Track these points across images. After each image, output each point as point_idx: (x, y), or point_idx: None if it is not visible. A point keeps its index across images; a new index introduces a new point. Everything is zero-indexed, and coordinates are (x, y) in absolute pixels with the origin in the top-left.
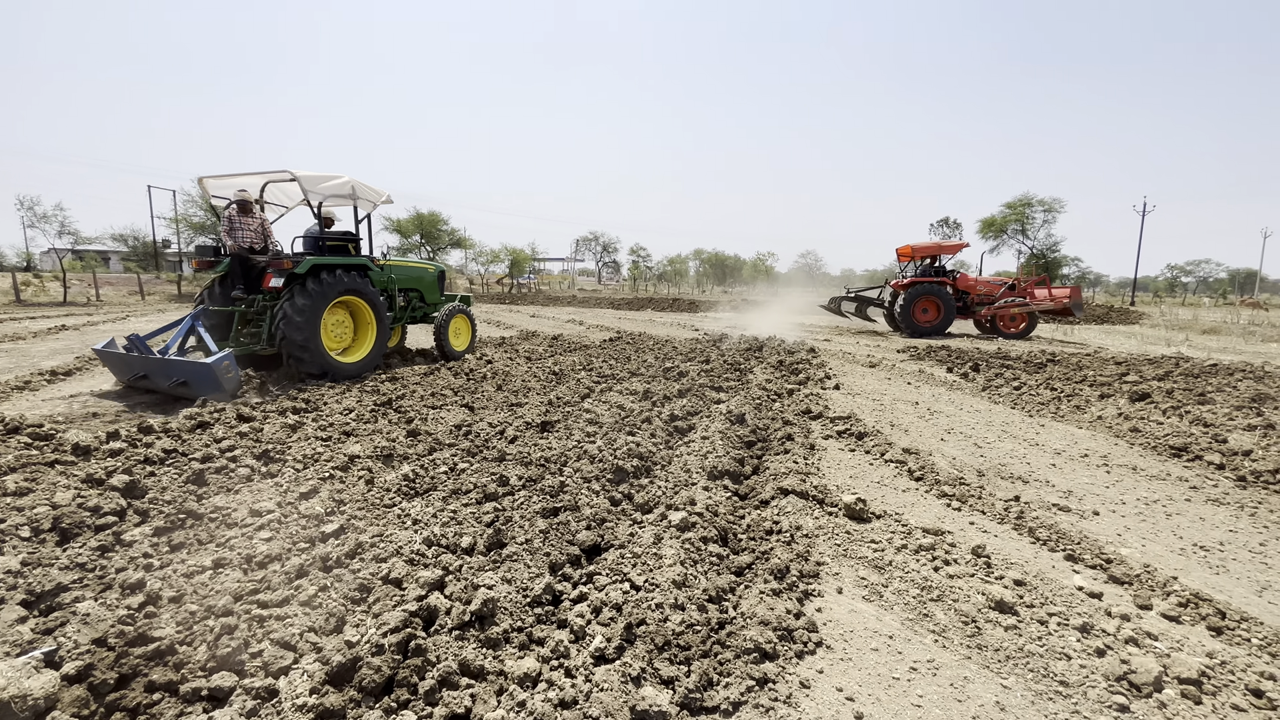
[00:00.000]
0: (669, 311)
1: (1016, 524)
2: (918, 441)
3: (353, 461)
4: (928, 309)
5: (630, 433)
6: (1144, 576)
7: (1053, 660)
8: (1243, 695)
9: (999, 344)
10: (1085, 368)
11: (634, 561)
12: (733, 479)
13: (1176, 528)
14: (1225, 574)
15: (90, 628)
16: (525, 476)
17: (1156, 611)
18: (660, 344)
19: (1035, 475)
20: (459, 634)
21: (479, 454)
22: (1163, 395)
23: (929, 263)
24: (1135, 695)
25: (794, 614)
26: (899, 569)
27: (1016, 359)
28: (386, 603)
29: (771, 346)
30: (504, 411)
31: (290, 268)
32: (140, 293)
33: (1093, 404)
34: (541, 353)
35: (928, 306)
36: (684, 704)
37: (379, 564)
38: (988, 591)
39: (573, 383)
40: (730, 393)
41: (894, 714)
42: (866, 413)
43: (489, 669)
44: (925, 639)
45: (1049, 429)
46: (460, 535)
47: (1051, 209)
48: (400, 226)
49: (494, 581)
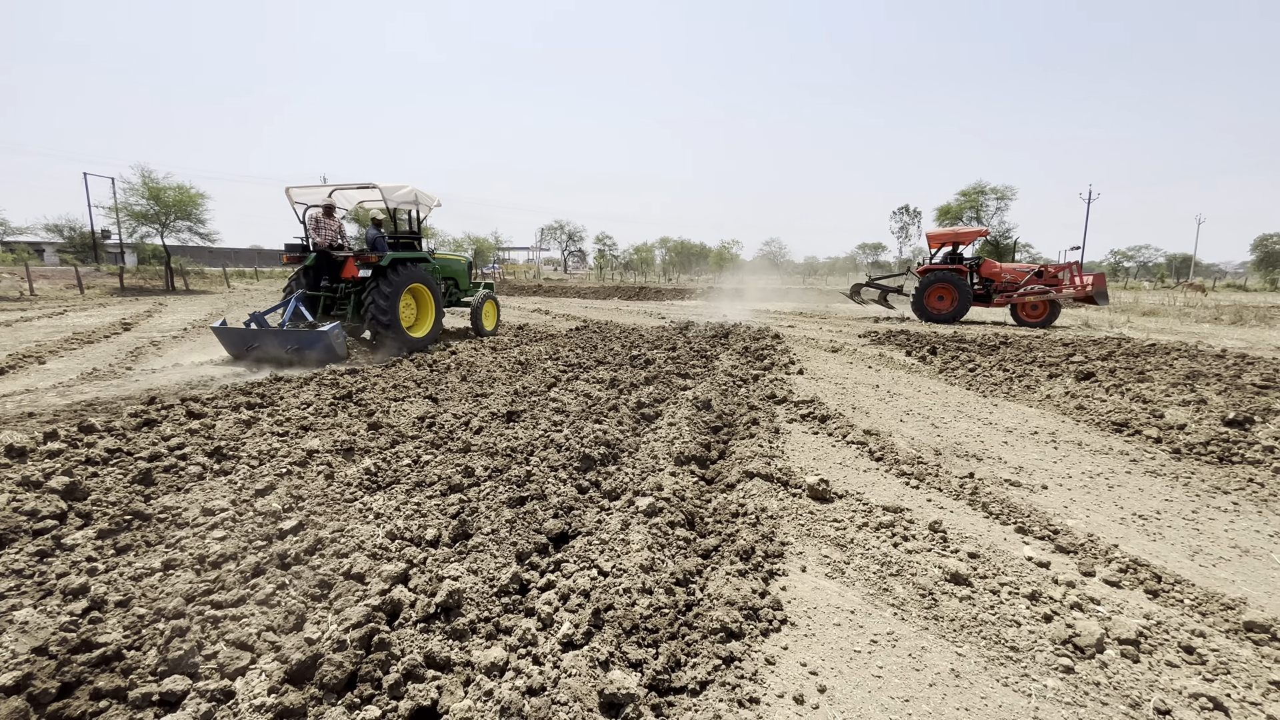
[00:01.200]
0: (635, 300)
1: (971, 500)
2: (878, 423)
3: (311, 456)
4: (943, 296)
5: (597, 421)
6: (1088, 545)
7: (1004, 627)
8: (1176, 653)
9: (980, 329)
10: (1035, 349)
11: (602, 548)
12: (699, 464)
13: (1118, 499)
14: (1161, 540)
15: (29, 636)
16: (491, 467)
17: (1099, 578)
18: (627, 332)
19: (988, 453)
20: (424, 626)
21: (443, 445)
22: (1106, 374)
23: (954, 249)
24: (1079, 657)
25: (759, 593)
26: (860, 546)
27: (971, 342)
28: (349, 598)
29: (738, 333)
30: (469, 402)
31: (376, 261)
32: (79, 286)
33: (1042, 384)
34: (507, 342)
35: (943, 294)
36: (652, 685)
37: (340, 559)
38: (944, 565)
39: (539, 372)
40: (697, 379)
41: (855, 685)
42: (829, 396)
43: (456, 660)
44: (885, 612)
45: (1001, 408)
46: (424, 528)
47: (1004, 196)
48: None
49: (459, 573)
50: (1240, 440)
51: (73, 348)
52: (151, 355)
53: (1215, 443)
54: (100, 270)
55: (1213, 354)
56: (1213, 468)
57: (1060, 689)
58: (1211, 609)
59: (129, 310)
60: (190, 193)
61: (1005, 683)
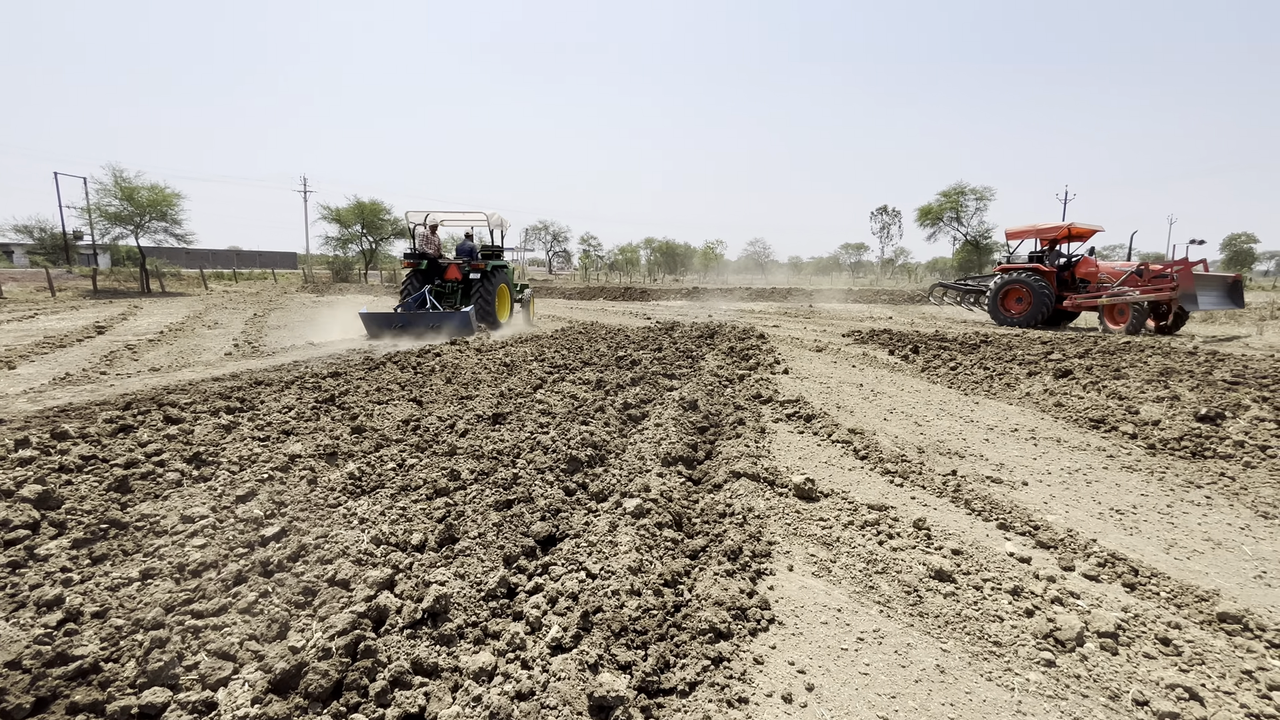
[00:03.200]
0: (621, 300)
1: (954, 497)
2: (862, 422)
3: (293, 461)
4: (1021, 299)
5: (584, 422)
6: (1067, 540)
7: (987, 623)
8: (1153, 644)
9: (966, 329)
10: (1014, 347)
11: (590, 550)
12: (686, 464)
13: (1095, 494)
14: (1138, 534)
15: (1, 650)
16: (477, 470)
17: (1079, 572)
18: (613, 333)
19: (970, 450)
20: (411, 632)
21: (428, 449)
22: (1083, 371)
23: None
24: (1060, 650)
25: (747, 593)
26: (846, 544)
27: (953, 341)
28: (333, 605)
29: (723, 334)
30: (454, 405)
31: (483, 268)
32: (50, 289)
33: (1021, 381)
34: (491, 344)
35: (1021, 296)
36: (641, 687)
37: (324, 566)
38: (928, 561)
39: (524, 374)
40: (683, 380)
41: (843, 683)
42: (814, 395)
43: (443, 666)
44: (871, 610)
45: (982, 406)
46: (410, 532)
47: (983, 197)
48: (340, 216)
49: (446, 577)
50: (1212, 435)
51: (44, 352)
52: (126, 359)
53: (1188, 438)
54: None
55: (1185, 351)
56: (1186, 462)
57: (1042, 682)
58: (1186, 601)
59: (103, 313)
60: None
61: (989, 677)
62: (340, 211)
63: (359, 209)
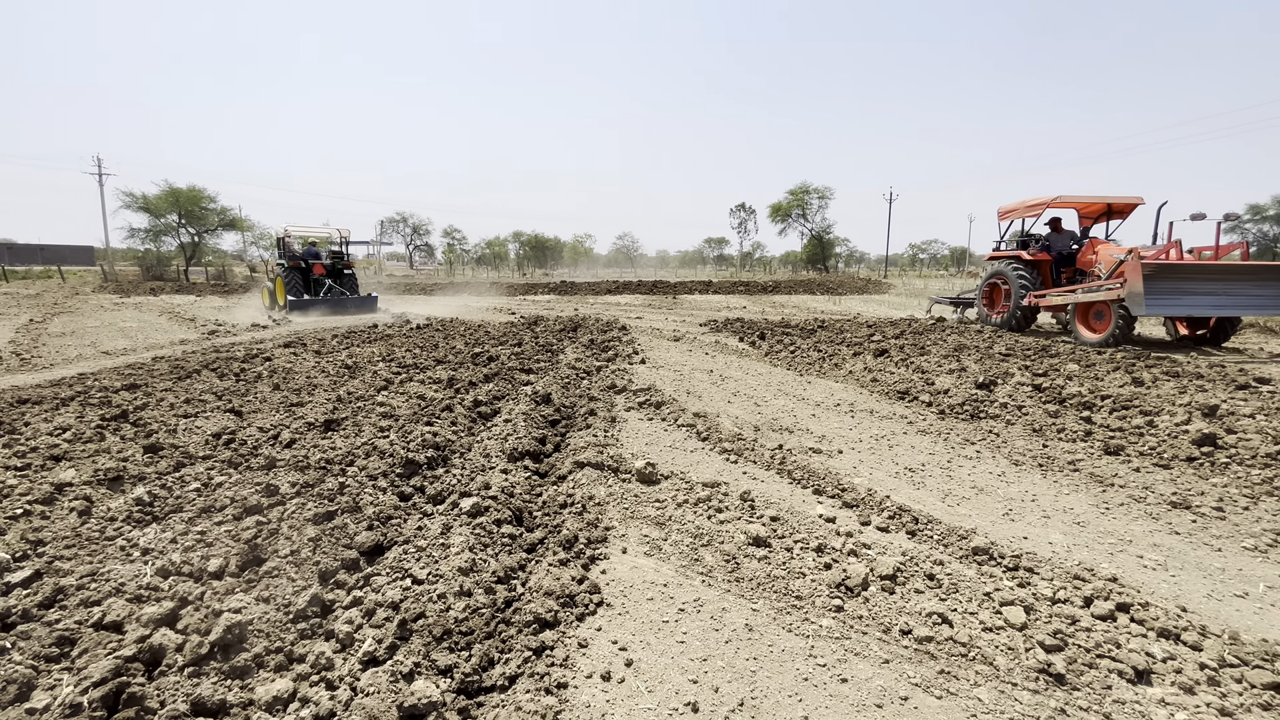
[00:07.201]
0: (487, 296)
1: (779, 469)
2: (708, 406)
3: (61, 491)
4: (1010, 295)
5: (428, 423)
6: (867, 499)
7: (792, 580)
8: (922, 581)
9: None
10: (845, 331)
11: (419, 555)
12: (534, 458)
13: (895, 456)
14: (923, 488)
15: None
16: (300, 483)
17: (873, 526)
18: (473, 329)
19: (799, 425)
20: (193, 670)
21: (242, 464)
22: (897, 350)
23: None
24: (848, 596)
25: (578, 580)
26: (677, 522)
27: (795, 327)
28: (97, 652)
29: (586, 326)
30: (281, 413)
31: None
32: None
33: (847, 361)
34: (333, 345)
35: (1009, 291)
36: (460, 689)
37: (88, 609)
38: (748, 530)
39: (368, 375)
40: (540, 374)
41: (660, 654)
42: (667, 383)
43: (232, 701)
44: (694, 581)
45: (814, 385)
46: (207, 559)
47: (824, 195)
48: (150, 204)
49: (245, 603)
50: (986, 399)
51: None
52: None
53: (969, 403)
54: None
55: (975, 329)
56: (966, 424)
57: (832, 626)
58: (951, 541)
59: None
60: None
61: (790, 629)
62: (150, 199)
63: (173, 196)
